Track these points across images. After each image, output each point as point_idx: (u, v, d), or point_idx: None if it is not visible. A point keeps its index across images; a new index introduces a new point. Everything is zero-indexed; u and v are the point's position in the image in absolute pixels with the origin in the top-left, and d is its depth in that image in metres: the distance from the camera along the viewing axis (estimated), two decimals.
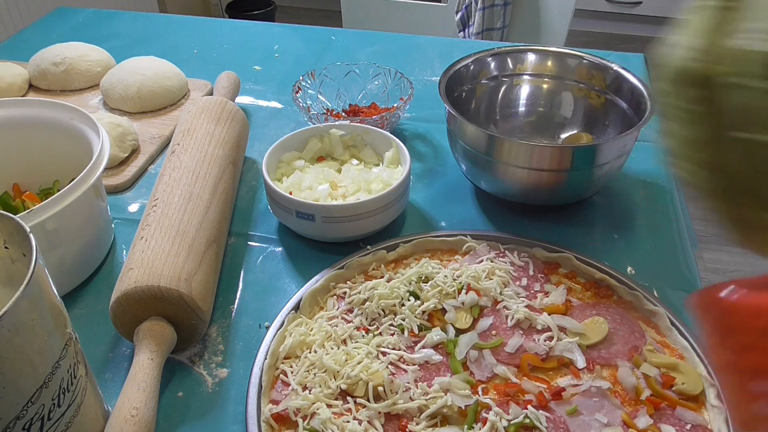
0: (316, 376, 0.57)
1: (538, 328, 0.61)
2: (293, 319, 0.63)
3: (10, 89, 1.01)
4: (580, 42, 3.10)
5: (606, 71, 0.85)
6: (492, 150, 0.73)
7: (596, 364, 0.59)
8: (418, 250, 0.72)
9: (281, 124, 1.00)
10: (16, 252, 0.47)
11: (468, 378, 0.57)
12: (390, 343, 0.60)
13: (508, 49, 0.90)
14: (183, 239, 0.64)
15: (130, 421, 0.50)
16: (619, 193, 0.84)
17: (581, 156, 0.72)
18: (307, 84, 0.97)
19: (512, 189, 0.77)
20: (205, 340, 0.64)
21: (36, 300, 0.41)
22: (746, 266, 2.03)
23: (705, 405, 0.55)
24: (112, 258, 0.75)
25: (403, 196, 0.75)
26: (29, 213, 0.58)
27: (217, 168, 0.75)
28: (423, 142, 0.95)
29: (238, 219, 0.80)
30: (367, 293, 0.64)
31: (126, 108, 0.99)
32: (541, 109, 0.91)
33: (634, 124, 0.74)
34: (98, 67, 1.07)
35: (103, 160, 0.66)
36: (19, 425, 0.42)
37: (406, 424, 0.54)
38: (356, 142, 0.84)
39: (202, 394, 0.60)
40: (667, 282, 0.70)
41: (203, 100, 0.84)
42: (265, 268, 0.73)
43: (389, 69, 0.98)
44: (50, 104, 0.74)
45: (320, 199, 0.74)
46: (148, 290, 0.58)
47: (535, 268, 0.68)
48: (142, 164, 0.89)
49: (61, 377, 0.45)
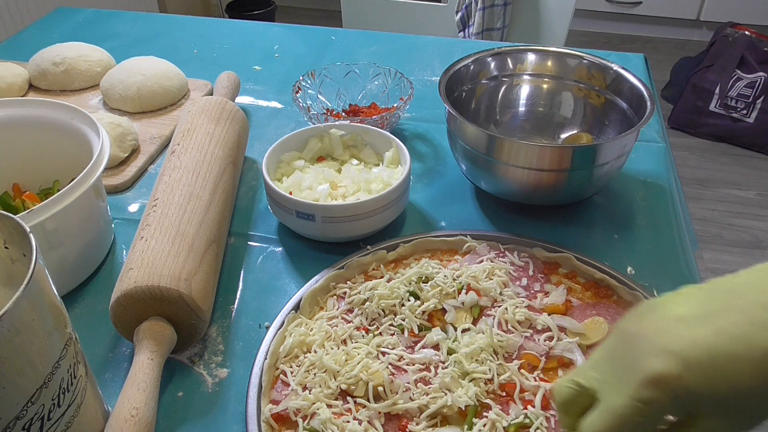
0: (316, 376, 0.57)
1: (538, 328, 0.61)
2: (293, 319, 0.63)
3: (10, 89, 1.01)
4: (580, 42, 3.10)
5: (606, 71, 0.85)
6: (492, 150, 0.73)
7: None
8: (418, 250, 0.72)
9: (281, 124, 1.00)
10: (16, 252, 0.47)
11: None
12: (390, 343, 0.60)
13: (508, 49, 0.90)
14: (183, 239, 0.64)
15: (130, 421, 0.50)
16: (619, 193, 0.84)
17: (581, 156, 0.72)
18: (307, 84, 0.97)
19: (512, 189, 0.77)
20: (205, 340, 0.64)
21: (36, 300, 0.41)
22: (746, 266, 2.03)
23: None
24: (112, 258, 0.75)
25: (403, 196, 0.75)
26: (29, 213, 0.58)
27: (217, 168, 0.75)
28: (423, 142, 0.95)
29: (238, 219, 0.80)
30: (367, 293, 0.64)
31: (126, 108, 0.99)
32: (541, 109, 0.91)
33: (634, 124, 0.74)
34: (98, 67, 1.07)
35: (103, 160, 0.66)
36: (19, 425, 0.42)
37: (406, 424, 0.54)
38: (356, 142, 0.84)
39: (202, 394, 0.59)
40: (667, 282, 0.70)
41: (203, 100, 0.84)
42: (265, 268, 0.73)
43: (389, 69, 0.98)
44: (50, 104, 0.74)
45: (320, 199, 0.74)
46: (148, 290, 0.58)
47: (535, 268, 0.68)
48: (142, 164, 0.89)
49: (61, 377, 0.45)
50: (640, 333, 0.38)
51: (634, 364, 0.37)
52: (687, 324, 0.37)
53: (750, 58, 2.45)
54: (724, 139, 2.58)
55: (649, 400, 0.36)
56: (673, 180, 0.88)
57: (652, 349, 0.36)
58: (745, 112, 2.50)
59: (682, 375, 0.35)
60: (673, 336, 0.36)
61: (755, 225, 2.20)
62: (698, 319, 0.37)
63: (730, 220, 2.23)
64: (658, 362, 0.36)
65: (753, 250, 2.09)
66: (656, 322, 0.38)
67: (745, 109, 2.50)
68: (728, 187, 2.37)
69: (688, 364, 0.35)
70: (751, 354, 0.34)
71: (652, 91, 0.79)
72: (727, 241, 2.13)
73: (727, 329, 0.35)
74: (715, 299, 0.38)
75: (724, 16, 2.99)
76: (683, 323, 0.37)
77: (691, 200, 2.28)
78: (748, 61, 2.45)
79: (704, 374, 0.35)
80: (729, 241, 2.13)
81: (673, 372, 0.35)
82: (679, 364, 0.35)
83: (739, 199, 2.31)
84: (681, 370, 0.35)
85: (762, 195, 2.33)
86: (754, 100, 2.47)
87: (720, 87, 2.51)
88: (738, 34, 2.50)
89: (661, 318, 0.38)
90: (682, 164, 2.45)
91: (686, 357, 0.35)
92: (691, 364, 0.35)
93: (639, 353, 0.37)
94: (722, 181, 2.40)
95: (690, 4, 3.14)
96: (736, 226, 2.19)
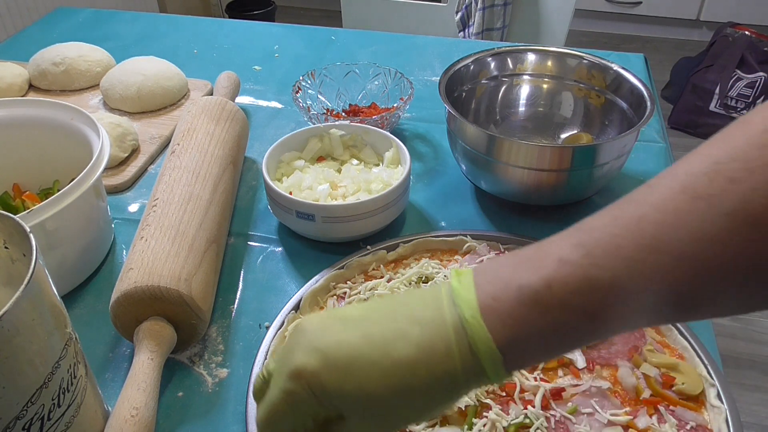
0: None
1: None
2: (293, 319, 0.63)
3: (10, 89, 1.01)
4: (580, 42, 3.10)
5: (606, 71, 0.85)
6: (492, 150, 0.73)
7: (596, 364, 0.59)
8: (418, 250, 0.72)
9: (281, 124, 1.00)
10: (16, 252, 0.47)
11: None
12: None
13: (508, 49, 0.90)
14: (183, 239, 0.64)
15: (130, 421, 0.50)
16: (619, 193, 0.82)
17: (581, 156, 0.72)
18: (307, 84, 0.97)
19: (512, 189, 0.77)
20: (205, 340, 0.64)
21: (36, 300, 0.41)
22: None
23: (705, 405, 0.55)
24: (112, 258, 0.75)
25: (403, 196, 0.75)
26: (29, 213, 0.58)
27: (217, 168, 0.75)
28: (423, 142, 0.95)
29: (238, 219, 0.80)
30: (367, 293, 0.64)
31: (126, 108, 0.99)
32: (541, 109, 0.91)
33: (634, 124, 0.74)
34: (98, 67, 1.07)
35: (103, 160, 0.66)
36: (19, 425, 0.42)
37: None
38: (356, 142, 0.83)
39: (202, 394, 0.59)
40: None
41: (203, 100, 0.84)
42: (265, 268, 0.73)
43: (389, 69, 0.98)
44: (50, 104, 0.74)
45: (320, 199, 0.74)
46: (148, 290, 0.58)
47: None
48: (142, 164, 0.89)
49: (61, 377, 0.45)
50: (306, 328, 0.40)
51: (288, 357, 0.39)
52: (344, 325, 0.39)
53: (750, 58, 2.45)
54: None
55: (290, 392, 0.38)
56: None
57: (304, 344, 0.38)
58: (745, 112, 2.49)
59: (319, 372, 0.37)
60: (326, 334, 0.38)
61: None
62: (355, 322, 0.39)
63: None
64: (302, 357, 0.37)
65: None
66: (323, 320, 0.40)
67: (745, 109, 2.50)
68: None
69: (328, 362, 0.37)
70: (383, 362, 0.36)
71: (652, 91, 0.79)
72: None
73: (372, 335, 0.37)
74: (384, 306, 0.40)
75: (724, 16, 2.99)
76: (341, 323, 0.39)
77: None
78: (748, 61, 2.45)
79: (339, 374, 0.37)
80: None
81: (311, 368, 0.37)
82: (319, 362, 0.37)
83: None
84: (319, 367, 0.37)
85: None
86: (755, 100, 2.47)
87: (720, 87, 2.51)
88: (738, 34, 2.50)
89: (330, 316, 0.40)
90: None
91: (328, 355, 0.37)
92: (330, 363, 0.37)
93: (295, 347, 0.39)
94: None
95: (690, 4, 3.14)
96: None
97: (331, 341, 0.38)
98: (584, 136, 0.88)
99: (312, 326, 0.39)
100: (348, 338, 0.37)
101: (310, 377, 0.37)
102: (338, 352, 0.37)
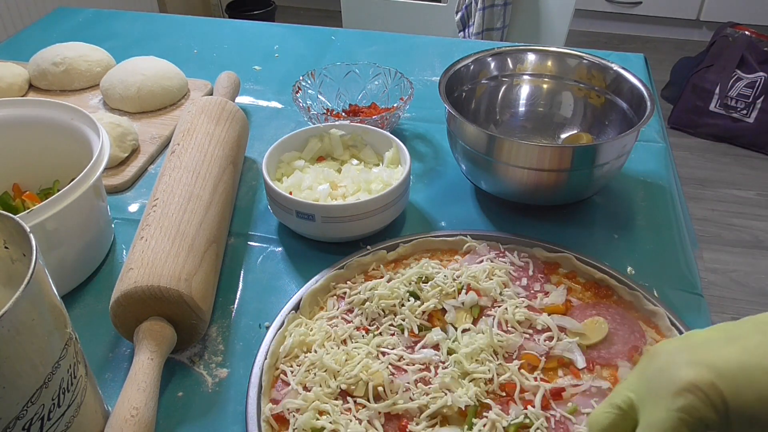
0: (317, 375, 0.57)
1: (538, 328, 0.61)
2: (293, 319, 0.63)
3: (10, 89, 1.01)
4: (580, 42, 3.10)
5: (606, 71, 0.85)
6: (492, 150, 0.73)
7: (596, 364, 0.59)
8: (418, 250, 0.72)
9: (281, 124, 1.00)
10: (16, 252, 0.47)
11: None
12: (390, 343, 0.60)
13: (508, 49, 0.90)
14: (183, 239, 0.64)
15: (130, 421, 0.50)
16: (619, 193, 0.84)
17: (581, 156, 0.72)
18: (307, 84, 0.97)
19: (512, 189, 0.77)
20: (205, 340, 0.64)
21: (36, 300, 0.41)
22: (746, 266, 2.03)
23: None
24: (112, 258, 0.75)
25: (403, 196, 0.75)
26: (29, 213, 0.58)
27: (217, 168, 0.75)
28: (423, 142, 0.95)
29: (238, 219, 0.80)
30: (367, 293, 0.64)
31: (126, 108, 0.99)
32: (541, 109, 0.91)
33: (634, 124, 0.74)
34: (98, 67, 1.07)
35: (103, 160, 0.66)
36: (19, 425, 0.42)
37: (406, 424, 0.54)
38: (356, 142, 0.84)
39: (202, 394, 0.60)
40: (667, 282, 0.70)
41: (203, 100, 0.84)
42: (265, 268, 0.73)
43: (389, 69, 0.98)
44: (50, 104, 0.74)
45: (320, 199, 0.74)
46: (148, 290, 0.58)
47: (535, 268, 0.68)
48: (142, 164, 0.89)
49: (61, 377, 0.45)
50: (671, 350, 0.40)
51: (668, 377, 0.38)
52: (715, 343, 0.39)
53: (750, 58, 2.45)
54: (724, 139, 2.58)
55: (685, 408, 0.36)
56: (673, 180, 0.88)
57: (684, 362, 0.38)
58: (745, 112, 2.50)
59: (715, 382, 0.36)
60: (702, 351, 0.38)
61: (755, 225, 2.20)
62: (724, 341, 0.39)
63: (730, 220, 2.23)
64: (691, 371, 0.37)
65: (753, 250, 2.09)
66: (685, 342, 0.40)
67: (745, 109, 2.50)
68: (728, 187, 2.37)
69: (720, 373, 0.36)
70: None
71: (652, 91, 0.79)
72: (727, 241, 2.13)
73: (752, 348, 0.37)
74: (739, 327, 0.40)
75: (724, 16, 2.99)
76: (711, 343, 0.39)
77: (691, 200, 2.28)
78: (748, 61, 2.45)
79: (735, 383, 0.36)
80: (729, 241, 2.13)
81: (706, 379, 0.36)
82: (711, 373, 0.36)
83: (739, 199, 2.31)
84: (714, 377, 0.36)
85: (762, 195, 2.33)
86: (754, 100, 2.47)
87: (720, 87, 2.51)
88: (738, 34, 2.50)
89: (689, 339, 0.40)
90: (682, 164, 2.45)
91: (718, 367, 0.37)
92: (723, 374, 0.36)
93: (671, 366, 0.38)
94: (722, 181, 2.40)
95: (690, 4, 3.14)
96: (736, 226, 2.20)
97: (712, 357, 0.37)
98: (584, 136, 0.88)
99: (678, 348, 0.39)
100: (728, 352, 0.37)
101: (707, 388, 0.36)
102: (728, 363, 0.37)
